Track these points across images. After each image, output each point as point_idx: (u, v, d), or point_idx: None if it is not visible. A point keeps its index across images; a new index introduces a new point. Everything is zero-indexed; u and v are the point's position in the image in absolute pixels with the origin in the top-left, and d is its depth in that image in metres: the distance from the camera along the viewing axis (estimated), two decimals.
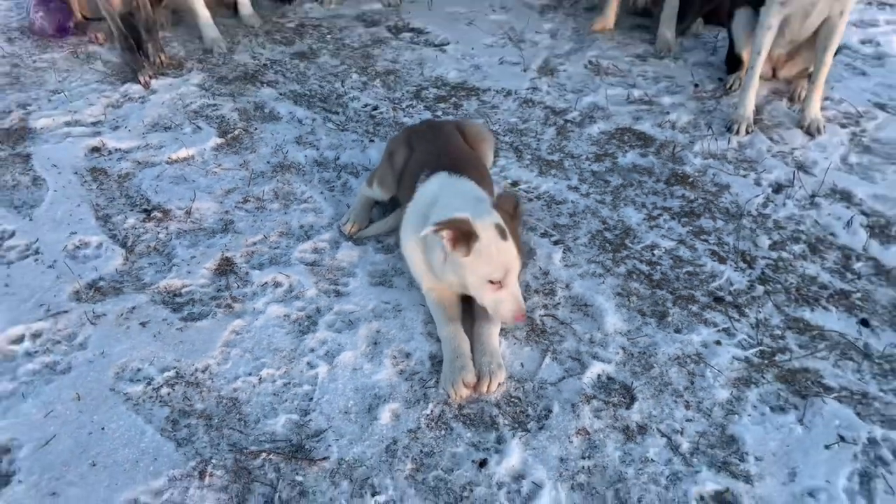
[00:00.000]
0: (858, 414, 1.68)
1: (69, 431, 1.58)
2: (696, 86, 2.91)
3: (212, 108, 2.68)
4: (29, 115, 2.60)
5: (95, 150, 2.46)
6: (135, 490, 1.47)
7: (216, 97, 2.75)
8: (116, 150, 2.46)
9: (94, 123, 2.58)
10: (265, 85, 2.84)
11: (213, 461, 1.54)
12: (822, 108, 2.71)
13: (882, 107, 2.81)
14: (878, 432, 1.64)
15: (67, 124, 2.57)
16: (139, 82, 2.79)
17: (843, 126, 2.69)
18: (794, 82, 2.86)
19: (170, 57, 2.95)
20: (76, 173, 2.34)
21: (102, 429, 1.59)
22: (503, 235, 1.68)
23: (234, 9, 3.26)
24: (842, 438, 1.63)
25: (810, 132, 2.62)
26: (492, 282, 1.67)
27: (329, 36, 3.20)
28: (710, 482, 1.54)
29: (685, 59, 3.09)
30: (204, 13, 3.06)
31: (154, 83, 2.80)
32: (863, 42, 3.28)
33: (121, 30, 2.86)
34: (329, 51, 3.09)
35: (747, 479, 1.55)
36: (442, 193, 1.82)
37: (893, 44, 3.26)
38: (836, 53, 2.75)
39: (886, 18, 3.47)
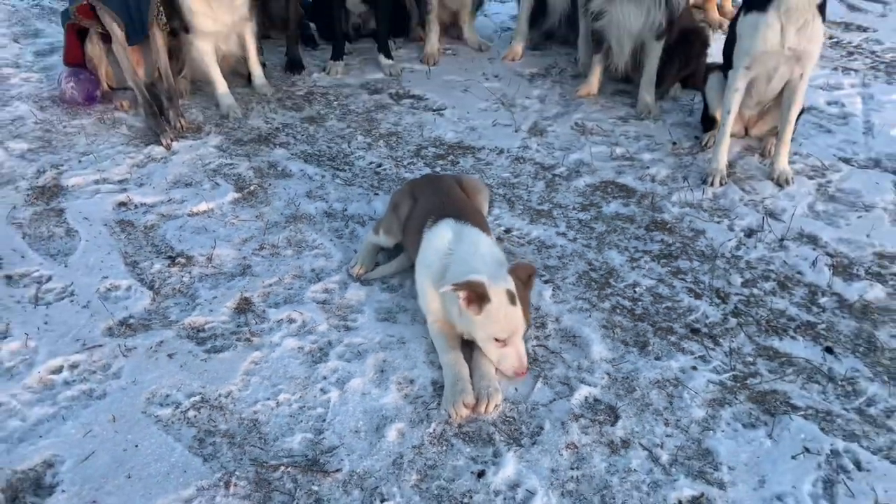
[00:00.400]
0: (822, 429, 1.85)
1: (106, 448, 1.74)
2: (674, 143, 3.15)
3: (229, 167, 2.92)
4: (61, 174, 2.83)
5: (123, 204, 2.67)
6: (167, 499, 1.63)
7: (233, 157, 2.99)
8: (142, 204, 2.68)
9: (120, 181, 2.81)
10: (278, 146, 3.08)
11: (237, 473, 1.70)
12: (791, 162, 2.95)
13: (846, 161, 3.05)
14: (840, 444, 1.81)
15: (96, 182, 2.79)
16: (162, 144, 3.03)
17: (810, 178, 2.92)
18: (764, 139, 3.10)
19: (189, 122, 3.20)
20: (106, 225, 2.55)
21: (136, 446, 1.75)
22: (512, 301, 1.88)
23: (248, 78, 3.53)
24: (807, 450, 1.79)
25: (779, 183, 2.85)
26: (498, 340, 1.86)
27: (335, 102, 3.47)
28: (687, 488, 1.70)
29: (664, 119, 3.35)
30: (220, 82, 3.33)
31: (175, 145, 3.04)
32: (829, 103, 3.54)
33: (146, 97, 3.12)
34: (336, 115, 3.35)
35: (721, 485, 1.71)
36: (458, 244, 2.01)
37: (856, 105, 3.53)
38: (803, 113, 3.03)
39: (850, 82, 3.75)
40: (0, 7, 4.47)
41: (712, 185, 2.82)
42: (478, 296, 1.84)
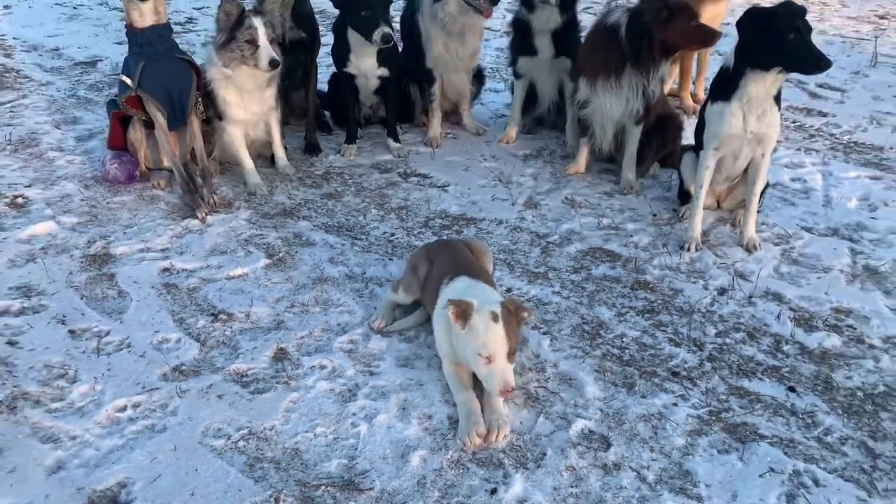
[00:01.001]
0: (786, 453, 2.15)
1: (171, 472, 2.02)
2: (655, 215, 3.53)
3: (259, 237, 3.27)
4: (109, 244, 3.17)
5: (166, 270, 3.01)
6: None
7: (262, 228, 3.34)
8: (184, 269, 3.01)
9: (163, 250, 3.15)
10: (301, 219, 3.44)
11: (284, 492, 1.98)
12: (759, 231, 3.32)
13: (808, 230, 3.43)
14: (801, 466, 2.11)
15: (141, 251, 3.13)
16: (197, 218, 3.38)
17: (775, 244, 3.29)
18: (734, 211, 3.48)
19: (221, 198, 3.56)
20: (153, 287, 2.88)
21: (196, 470, 2.03)
22: (495, 319, 2.19)
23: (272, 160, 3.92)
24: (772, 470, 2.09)
25: (748, 249, 3.22)
26: (482, 356, 2.16)
27: (350, 180, 3.85)
28: (670, 502, 1.98)
29: (645, 194, 3.74)
30: (248, 163, 3.71)
31: (210, 219, 3.39)
32: (792, 180, 3.94)
33: (183, 176, 3.50)
34: (351, 192, 3.73)
35: (699, 499, 2.00)
36: (467, 292, 2.35)
37: (817, 181, 3.93)
38: (767, 188, 3.43)
39: (812, 161, 4.17)
40: (40, 97, 4.89)
41: (689, 250, 3.19)
42: (462, 311, 2.15)
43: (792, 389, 2.42)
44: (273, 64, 3.36)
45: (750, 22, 2.85)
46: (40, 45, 6.09)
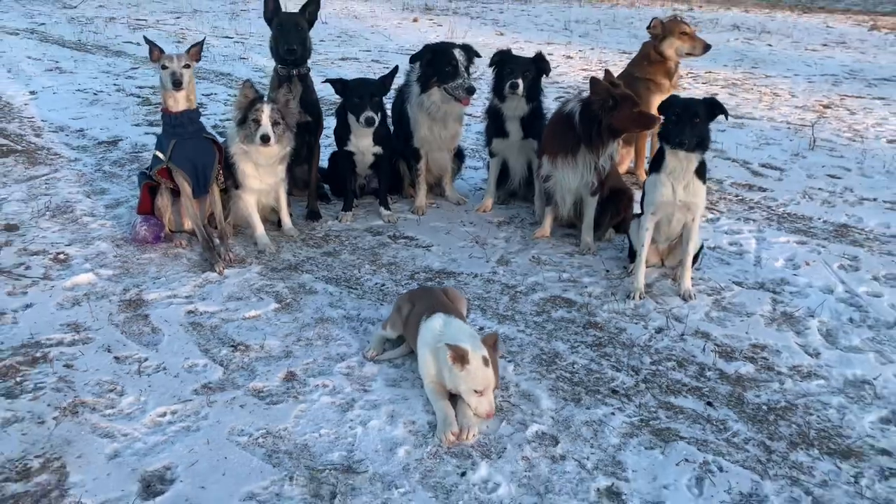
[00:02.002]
0: (699, 449, 2.68)
1: (205, 459, 2.52)
2: (608, 271, 4.13)
3: (269, 287, 3.83)
4: (142, 291, 3.72)
5: (191, 312, 3.55)
6: (251, 486, 2.41)
7: (271, 280, 3.90)
8: (206, 311, 3.56)
9: (187, 297, 3.70)
10: (304, 272, 4.01)
11: (296, 473, 2.48)
12: (695, 284, 3.92)
13: (738, 284, 4.03)
14: (710, 458, 2.63)
15: (169, 297, 3.68)
16: (216, 271, 3.94)
17: (709, 295, 3.88)
18: (675, 268, 4.08)
19: (236, 255, 4.14)
20: (181, 325, 3.42)
21: (225, 458, 2.54)
22: (486, 364, 2.73)
23: (278, 224, 4.51)
24: (686, 460, 2.61)
25: (684, 298, 3.80)
26: (476, 391, 2.71)
27: (347, 242, 4.44)
28: (603, 481, 2.50)
29: (600, 255, 4.34)
30: (259, 226, 4.30)
31: (226, 272, 3.95)
32: (730, 244, 4.56)
33: (204, 236, 4.08)
34: (347, 251, 4.31)
35: (626, 480, 2.52)
36: (447, 328, 2.89)
37: (751, 245, 4.55)
38: (702, 250, 4.05)
39: (749, 229, 4.80)
40: (70, 171, 5.51)
41: (633, 299, 3.77)
42: (460, 356, 2.70)
43: (710, 404, 2.96)
44: (264, 139, 3.95)
45: (666, 110, 3.55)
46: (66, 127, 6.76)
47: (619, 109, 3.91)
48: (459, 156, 5.19)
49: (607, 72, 4.12)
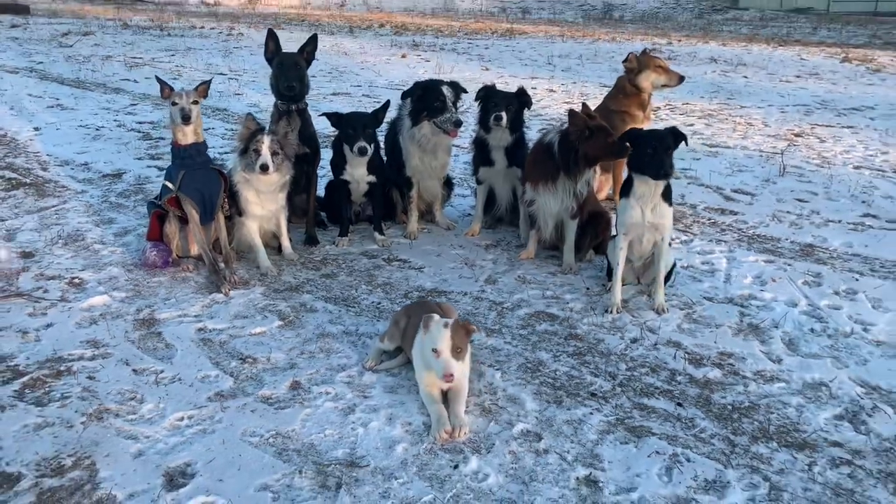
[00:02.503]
0: (669, 443, 2.96)
1: (222, 456, 2.78)
2: (588, 289, 4.43)
3: (272, 306, 4.10)
4: (153, 311, 3.99)
5: (201, 329, 3.82)
6: (264, 479, 2.67)
7: (274, 300, 4.18)
8: (215, 329, 3.82)
9: (196, 316, 3.97)
10: (305, 293, 4.29)
11: (305, 468, 2.74)
12: (668, 300, 4.22)
13: (709, 299, 4.33)
14: (679, 451, 2.91)
15: (179, 316, 3.95)
16: (222, 293, 4.22)
17: (681, 309, 4.19)
18: (650, 285, 4.39)
19: (240, 278, 4.42)
20: (192, 341, 3.68)
21: (240, 455, 2.80)
22: (445, 326, 2.99)
23: (278, 249, 4.80)
24: (657, 452, 2.89)
25: (658, 312, 4.11)
26: (434, 350, 2.97)
27: (344, 265, 4.73)
28: (582, 471, 2.77)
29: (581, 274, 4.65)
30: (261, 251, 4.58)
31: (231, 293, 4.23)
32: (702, 263, 4.88)
33: (210, 259, 4.36)
34: (344, 273, 4.60)
35: (603, 469, 2.79)
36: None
37: (722, 264, 4.86)
38: (675, 266, 4.36)
39: (720, 249, 5.12)
40: (78, 202, 5.79)
41: (611, 313, 4.07)
42: (427, 322, 3.00)
43: (679, 405, 3.25)
44: (263, 168, 4.26)
45: (631, 140, 3.89)
46: (71, 161, 7.06)
47: (594, 140, 4.24)
48: (448, 184, 5.52)
49: (584, 105, 4.46)
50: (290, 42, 5.27)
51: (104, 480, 2.66)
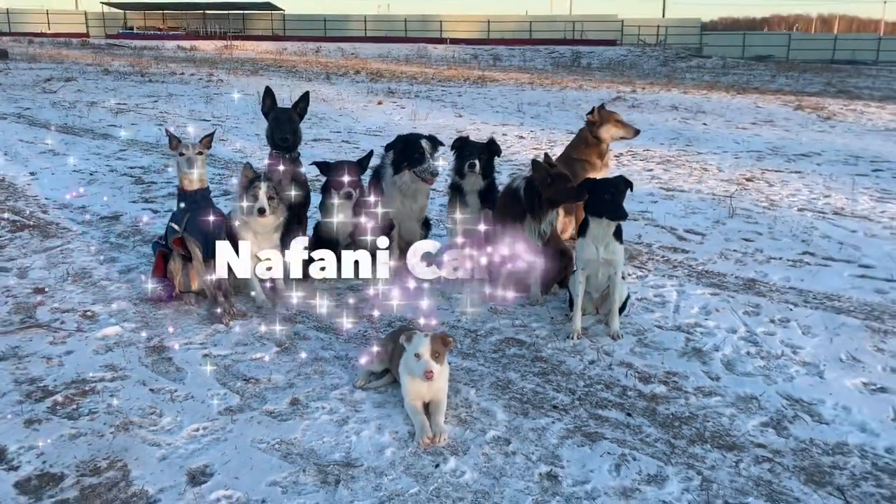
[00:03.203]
0: (618, 445, 3.46)
1: (235, 459, 3.23)
2: (552, 318, 4.96)
3: (269, 335, 4.57)
4: (162, 340, 4.43)
5: (206, 355, 4.27)
6: (273, 476, 3.12)
7: (270, 329, 4.65)
8: (219, 354, 4.28)
9: (201, 343, 4.42)
10: (298, 323, 4.76)
11: (307, 468, 3.20)
12: (622, 327, 4.76)
13: (659, 327, 4.88)
14: (627, 451, 3.41)
15: (186, 344, 4.39)
16: (223, 323, 4.68)
17: (634, 336, 4.72)
18: (607, 315, 4.93)
19: (238, 310, 4.88)
20: (200, 365, 4.13)
21: (251, 458, 3.25)
22: (426, 336, 3.51)
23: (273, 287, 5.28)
24: (608, 453, 3.40)
25: (613, 338, 4.64)
26: (416, 355, 3.47)
27: (332, 297, 5.22)
28: (544, 468, 3.27)
29: (547, 305, 5.19)
30: (258, 286, 5.06)
31: (232, 324, 4.69)
32: (655, 296, 5.44)
33: (212, 293, 4.83)
34: (334, 306, 5.08)
35: (562, 467, 3.29)
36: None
37: (673, 296, 5.43)
38: (629, 298, 4.91)
39: (671, 284, 5.69)
40: (81, 243, 6.23)
41: (572, 338, 4.60)
42: (409, 335, 3.50)
43: (629, 415, 3.76)
44: (260, 211, 4.78)
45: (587, 187, 4.48)
46: (69, 204, 7.50)
47: (555, 185, 4.82)
48: (426, 225, 6.05)
49: (546, 155, 5.06)
50: (269, 86, 5.80)
51: (136, 479, 3.09)
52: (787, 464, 3.39)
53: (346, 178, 5.25)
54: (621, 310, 4.81)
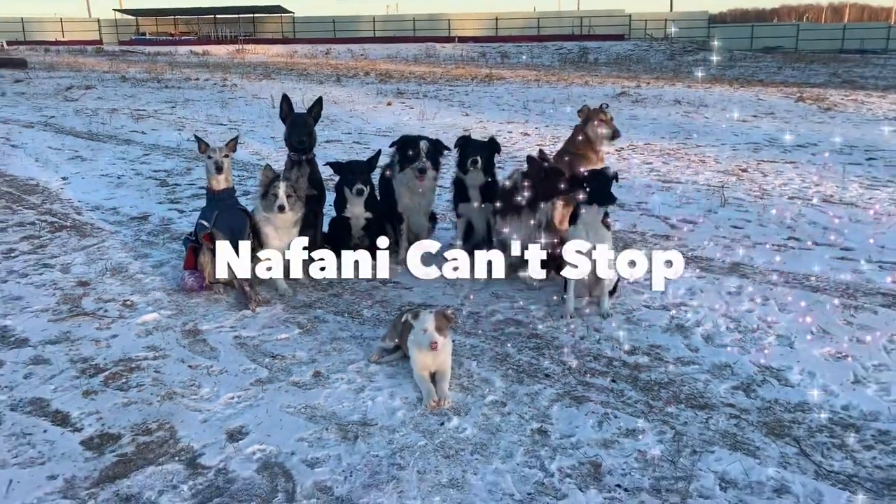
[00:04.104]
0: (602, 406, 3.92)
1: (267, 421, 3.72)
2: (548, 301, 5.43)
3: (291, 319, 5.06)
4: (196, 324, 4.93)
5: (237, 337, 4.76)
6: (300, 434, 3.61)
7: (292, 314, 5.13)
8: (248, 336, 4.77)
9: (231, 327, 4.92)
10: (317, 308, 5.26)
11: (330, 426, 3.69)
12: (613, 307, 5.22)
13: (647, 307, 5.33)
14: (610, 411, 3.87)
15: (218, 328, 4.89)
16: (249, 309, 5.18)
17: (622, 315, 5.17)
18: (599, 297, 5.39)
19: (263, 297, 5.38)
20: (231, 345, 4.63)
21: (280, 420, 3.74)
22: (429, 313, 3.99)
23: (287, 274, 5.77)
24: (592, 412, 3.86)
25: (603, 316, 5.09)
26: (423, 329, 3.95)
27: (347, 286, 5.65)
28: (535, 425, 3.73)
29: (544, 290, 5.64)
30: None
31: (257, 310, 5.19)
32: (644, 280, 5.89)
33: (239, 283, 5.33)
34: (348, 292, 5.56)
35: (552, 423, 3.75)
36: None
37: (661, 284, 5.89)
38: (619, 282, 5.37)
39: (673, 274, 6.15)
40: (115, 241, 6.76)
41: (565, 318, 5.06)
42: (416, 312, 3.98)
43: (613, 381, 4.22)
44: (280, 209, 5.27)
45: (577, 180, 4.94)
46: (101, 206, 8.04)
47: (548, 179, 5.28)
48: (433, 218, 6.54)
49: (540, 151, 5.52)
50: (285, 94, 6.29)
51: (182, 437, 3.59)
52: (752, 420, 3.84)
53: (356, 176, 5.73)
54: (612, 292, 5.27)
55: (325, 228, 6.40)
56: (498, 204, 5.71)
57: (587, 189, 4.91)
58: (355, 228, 6.10)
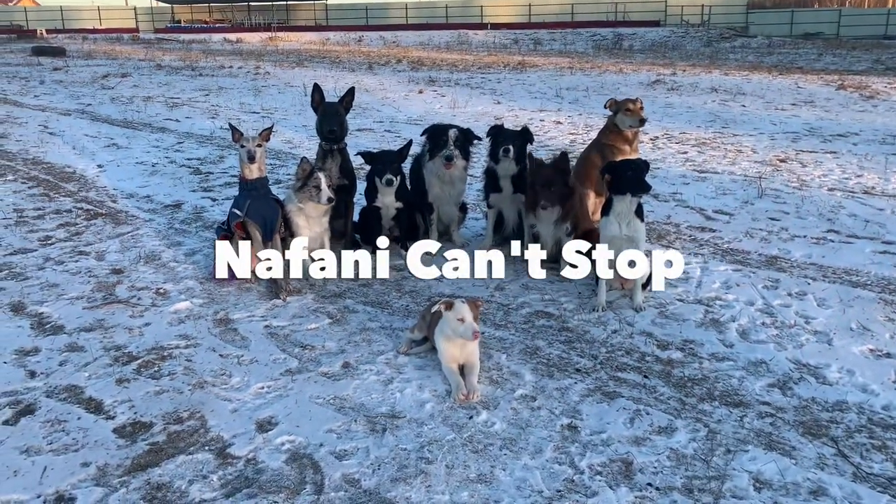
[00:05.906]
0: (633, 402, 3.87)
1: (296, 411, 3.73)
2: (580, 293, 5.36)
3: (321, 309, 5.07)
4: (228, 313, 4.95)
5: (267, 326, 4.78)
6: (329, 425, 3.61)
7: (322, 304, 5.14)
8: (278, 325, 4.79)
9: (262, 316, 4.94)
10: (347, 298, 5.25)
11: (358, 418, 3.68)
12: (646, 301, 5.14)
13: (681, 300, 5.24)
14: (641, 407, 3.81)
15: (249, 317, 4.91)
16: (280, 299, 5.20)
17: (656, 308, 5.09)
18: (632, 289, 5.31)
19: (293, 287, 5.40)
20: (262, 334, 4.64)
21: (309, 410, 3.74)
22: (463, 303, 3.96)
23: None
24: (624, 408, 3.80)
25: (636, 310, 5.02)
26: (459, 319, 3.91)
27: (376, 278, 5.70)
28: (566, 420, 3.69)
29: (575, 282, 5.58)
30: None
31: (289, 299, 5.21)
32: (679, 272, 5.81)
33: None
34: (378, 282, 5.54)
35: (582, 420, 3.70)
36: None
37: (697, 273, 5.76)
38: (650, 276, 5.28)
39: (696, 261, 6.02)
40: (149, 228, 6.83)
41: (597, 311, 4.99)
42: (448, 304, 3.94)
43: (645, 377, 4.16)
44: (329, 200, 5.29)
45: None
46: (135, 194, 8.13)
47: (555, 188, 5.28)
48: (463, 209, 6.49)
49: (563, 153, 5.47)
50: (317, 83, 6.27)
51: (213, 427, 3.62)
52: (788, 419, 3.76)
53: (387, 167, 5.71)
54: (645, 285, 5.18)
55: (356, 218, 6.41)
56: (527, 198, 5.66)
57: (620, 178, 4.82)
58: (386, 218, 6.08)
